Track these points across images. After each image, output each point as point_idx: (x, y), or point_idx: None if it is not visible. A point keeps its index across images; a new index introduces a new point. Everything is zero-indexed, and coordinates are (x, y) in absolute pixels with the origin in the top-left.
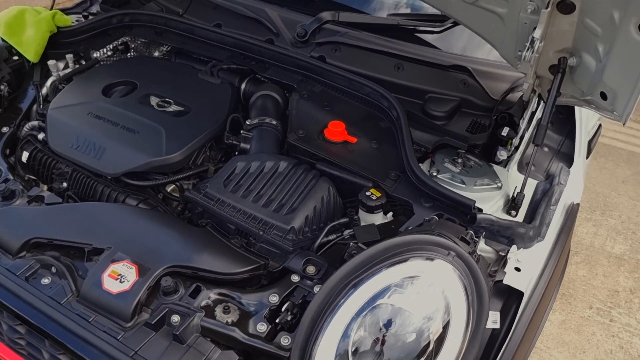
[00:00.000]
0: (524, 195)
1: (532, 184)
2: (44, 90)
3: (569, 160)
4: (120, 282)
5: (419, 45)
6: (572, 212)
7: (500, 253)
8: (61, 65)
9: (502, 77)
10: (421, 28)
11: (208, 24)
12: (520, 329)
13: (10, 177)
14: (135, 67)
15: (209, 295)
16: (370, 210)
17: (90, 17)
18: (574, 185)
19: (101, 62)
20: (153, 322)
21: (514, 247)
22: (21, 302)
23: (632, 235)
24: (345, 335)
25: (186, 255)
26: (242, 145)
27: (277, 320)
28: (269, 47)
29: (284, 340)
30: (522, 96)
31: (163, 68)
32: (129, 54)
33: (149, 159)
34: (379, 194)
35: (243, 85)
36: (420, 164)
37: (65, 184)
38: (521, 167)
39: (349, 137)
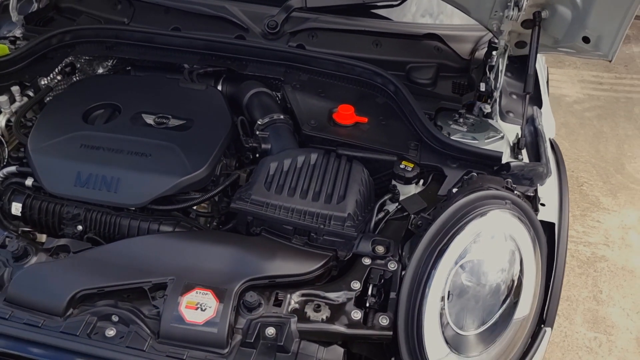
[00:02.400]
0: (525, 139)
1: (516, 129)
2: None
3: (536, 102)
4: (202, 310)
5: (391, 20)
6: (555, 146)
7: (527, 194)
8: (4, 98)
9: (466, 38)
10: (381, 4)
11: (165, 29)
12: (561, 257)
13: (6, 234)
14: (105, 88)
15: (293, 300)
16: (409, 181)
17: (18, 42)
18: (548, 122)
19: (55, 89)
20: (252, 341)
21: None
22: None
23: None
24: (442, 299)
25: (257, 266)
26: (264, 146)
27: (367, 305)
28: (245, 43)
29: (383, 320)
30: (486, 53)
31: (136, 84)
32: (74, 77)
33: (177, 179)
34: (412, 165)
35: (220, 87)
36: None
37: (80, 227)
38: (502, 116)
39: (360, 118)
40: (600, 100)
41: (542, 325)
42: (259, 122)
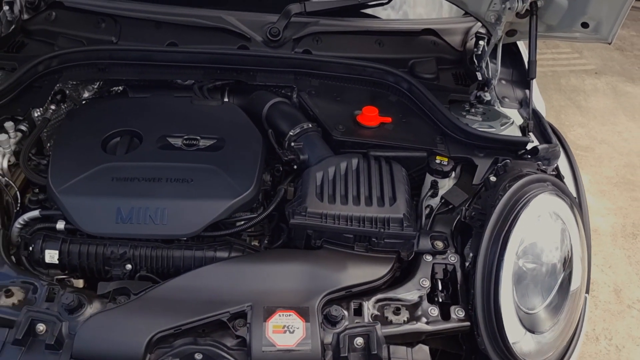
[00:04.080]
0: (533, 122)
1: (514, 113)
2: None
3: (524, 84)
4: (291, 332)
5: (389, 19)
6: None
7: (551, 172)
8: (4, 137)
9: (455, 30)
10: (372, 3)
11: (161, 46)
12: (587, 227)
13: (44, 283)
14: (113, 113)
15: (370, 306)
16: (446, 175)
17: None
18: (540, 103)
19: (52, 121)
20: (345, 354)
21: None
22: None
23: None
24: (512, 283)
25: (332, 279)
26: (302, 157)
27: (439, 300)
28: (252, 53)
29: (459, 312)
30: (475, 43)
31: (146, 106)
32: (64, 105)
33: (229, 202)
34: (446, 159)
35: (227, 100)
36: None
37: (129, 266)
38: (500, 102)
39: (384, 118)
40: None
41: (586, 294)
42: (291, 133)
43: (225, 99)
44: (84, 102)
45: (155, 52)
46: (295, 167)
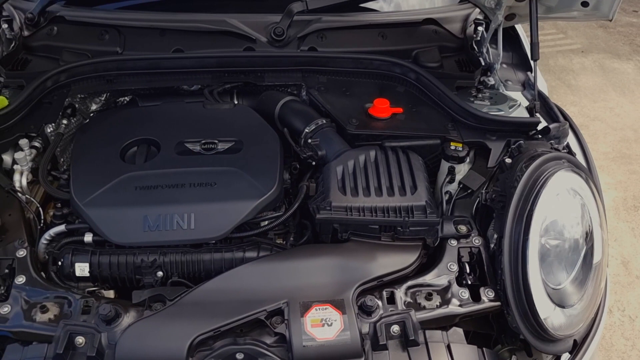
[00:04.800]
0: (539, 104)
1: (518, 95)
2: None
3: (525, 67)
4: (329, 325)
5: (389, 11)
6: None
7: (562, 150)
8: (21, 155)
9: (454, 18)
10: None
11: (167, 53)
12: (601, 199)
13: (77, 297)
14: (126, 123)
15: (402, 294)
16: (462, 160)
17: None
18: (542, 84)
19: (65, 135)
20: (384, 342)
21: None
22: None
23: None
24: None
25: (363, 270)
26: (320, 153)
27: (468, 282)
28: (259, 54)
29: (489, 293)
30: (475, 29)
31: (159, 114)
32: (74, 118)
33: (254, 202)
34: (460, 145)
35: (236, 102)
36: None
37: (160, 273)
38: (504, 85)
39: (396, 109)
40: None
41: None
42: (307, 130)
43: (234, 102)
44: (91, 114)
45: (163, 60)
46: (313, 163)
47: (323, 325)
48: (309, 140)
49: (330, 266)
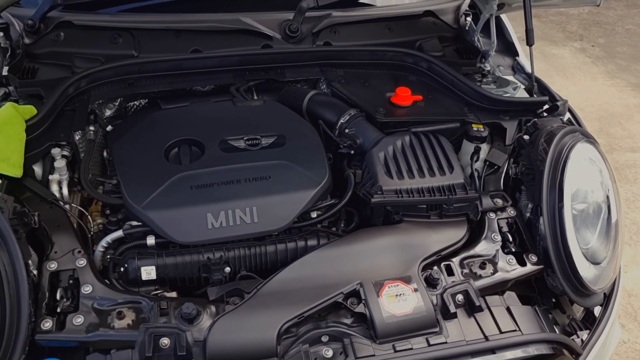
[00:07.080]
0: (536, 85)
1: (511, 79)
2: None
3: (510, 52)
4: (404, 300)
5: (392, 4)
6: None
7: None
8: (61, 164)
9: (447, 9)
10: None
11: (186, 54)
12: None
13: (149, 300)
14: (160, 125)
15: (457, 266)
16: (484, 140)
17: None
18: (527, 67)
19: (95, 142)
20: (453, 311)
21: None
22: None
23: None
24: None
25: (423, 247)
26: (358, 141)
27: (512, 250)
28: (280, 51)
29: (532, 257)
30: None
31: (191, 115)
32: (96, 125)
33: (312, 192)
34: (481, 126)
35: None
36: None
37: (228, 269)
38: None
39: (416, 97)
40: None
41: None
42: (342, 121)
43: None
44: (105, 120)
45: (185, 61)
46: (352, 152)
47: (399, 301)
48: (346, 130)
49: (392, 246)
